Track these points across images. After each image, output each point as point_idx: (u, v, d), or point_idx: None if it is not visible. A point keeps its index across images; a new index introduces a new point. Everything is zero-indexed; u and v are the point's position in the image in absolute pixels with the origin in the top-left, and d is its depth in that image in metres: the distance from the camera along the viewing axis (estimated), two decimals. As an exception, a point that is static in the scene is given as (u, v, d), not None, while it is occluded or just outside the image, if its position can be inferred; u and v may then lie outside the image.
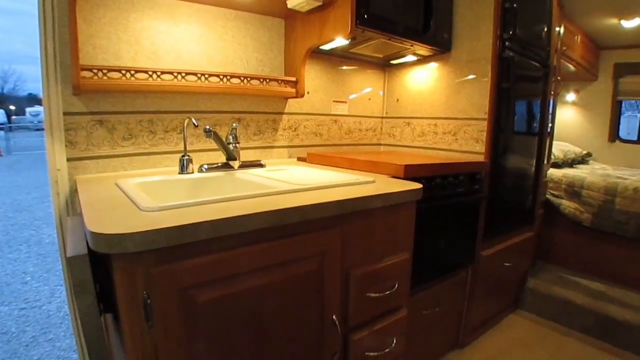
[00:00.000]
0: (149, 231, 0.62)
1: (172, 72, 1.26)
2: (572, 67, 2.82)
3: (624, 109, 3.50)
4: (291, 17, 1.57)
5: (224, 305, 0.75)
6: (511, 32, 1.60)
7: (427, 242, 1.41)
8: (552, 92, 2.15)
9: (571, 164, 2.99)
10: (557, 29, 2.16)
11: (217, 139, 1.26)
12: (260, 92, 1.50)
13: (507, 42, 1.61)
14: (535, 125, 1.97)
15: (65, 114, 1.14)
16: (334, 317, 0.96)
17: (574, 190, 2.47)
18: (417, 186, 1.14)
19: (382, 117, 2.15)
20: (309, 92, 1.76)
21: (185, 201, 0.79)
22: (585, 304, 1.99)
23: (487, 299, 1.88)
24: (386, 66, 2.07)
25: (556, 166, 2.77)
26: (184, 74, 1.28)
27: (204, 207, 0.77)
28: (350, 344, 1.04)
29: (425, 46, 1.64)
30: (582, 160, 3.19)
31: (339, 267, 0.95)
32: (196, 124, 1.17)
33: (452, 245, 1.59)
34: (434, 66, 1.85)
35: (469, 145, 1.73)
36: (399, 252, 1.14)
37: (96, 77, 1.11)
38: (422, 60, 1.87)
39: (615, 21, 2.62)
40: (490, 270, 1.81)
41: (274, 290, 0.83)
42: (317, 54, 1.73)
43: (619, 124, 3.42)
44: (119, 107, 1.25)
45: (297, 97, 1.60)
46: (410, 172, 1.28)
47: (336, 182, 1.10)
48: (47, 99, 1.11)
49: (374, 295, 1.06)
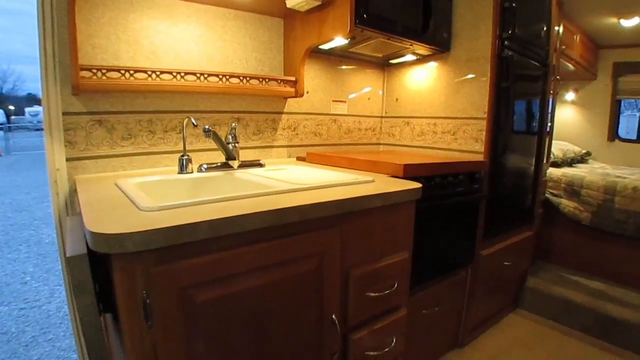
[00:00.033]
0: (148, 231, 0.62)
1: (171, 72, 1.26)
2: (571, 67, 2.82)
3: (623, 108, 3.50)
4: (290, 16, 1.57)
5: (223, 305, 0.75)
6: (510, 32, 1.60)
7: (427, 241, 1.41)
8: (552, 92, 2.15)
9: (570, 163, 2.99)
10: (557, 28, 2.17)
11: (217, 138, 1.26)
12: (259, 91, 1.50)
13: (506, 42, 1.61)
14: (534, 124, 1.98)
15: (64, 114, 1.14)
16: (334, 316, 0.96)
17: (574, 189, 2.47)
18: (417, 186, 1.14)
19: (382, 117, 2.15)
20: (308, 92, 1.76)
21: (184, 201, 0.79)
22: (584, 303, 2.00)
23: (486, 298, 1.88)
24: (385, 66, 2.07)
25: (555, 165, 2.77)
26: (183, 74, 1.28)
27: (203, 207, 0.77)
28: (349, 344, 1.04)
29: (424, 46, 1.64)
30: (582, 159, 3.19)
31: (338, 266, 0.95)
32: (195, 124, 1.18)
33: (451, 244, 1.59)
34: (433, 65, 1.85)
35: (468, 144, 1.73)
36: (399, 251, 1.15)
37: (95, 77, 1.11)
38: (422, 59, 1.87)
39: (614, 20, 2.62)
40: (489, 269, 1.81)
41: (274, 290, 0.83)
42: (316, 54, 1.73)
43: (618, 123, 3.42)
44: (118, 107, 1.25)
45: (296, 96, 1.60)
46: (409, 172, 1.28)
47: (335, 181, 1.10)
48: (46, 99, 1.11)
49: (373, 294, 1.06)
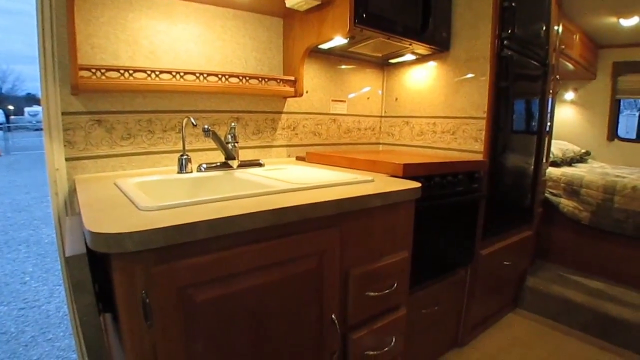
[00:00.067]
0: (147, 231, 0.62)
1: (170, 72, 1.26)
2: (570, 66, 2.82)
3: (622, 108, 3.50)
4: (290, 16, 1.57)
5: (223, 304, 0.75)
6: (510, 31, 1.60)
7: (426, 241, 1.41)
8: (551, 91, 2.15)
9: (570, 162, 2.99)
10: (556, 28, 2.17)
11: (216, 138, 1.26)
12: (258, 91, 1.50)
13: (505, 41, 1.61)
14: (534, 124, 1.98)
15: (63, 114, 1.14)
16: (333, 316, 0.96)
17: (573, 188, 2.48)
18: (416, 185, 1.14)
19: (381, 116, 2.15)
20: (307, 92, 1.76)
21: (183, 200, 0.79)
22: (584, 302, 2.00)
23: (486, 297, 1.88)
24: (385, 65, 2.07)
25: (555, 165, 2.78)
26: (182, 74, 1.28)
27: (203, 207, 0.77)
28: (349, 343, 1.04)
29: (423, 45, 1.64)
30: (581, 158, 3.19)
31: (338, 266, 0.95)
32: (195, 124, 1.17)
33: (451, 244, 1.59)
34: (432, 65, 1.85)
35: (467, 144, 1.73)
36: (398, 251, 1.15)
37: (94, 77, 1.11)
38: (421, 59, 1.87)
39: (614, 20, 2.62)
40: (489, 269, 1.81)
41: (273, 289, 0.83)
42: (315, 53, 1.73)
43: (618, 123, 3.42)
44: (118, 107, 1.25)
45: (295, 96, 1.60)
46: (409, 171, 1.28)
47: (335, 181, 1.10)
48: (45, 99, 1.10)
49: (373, 294, 1.06)
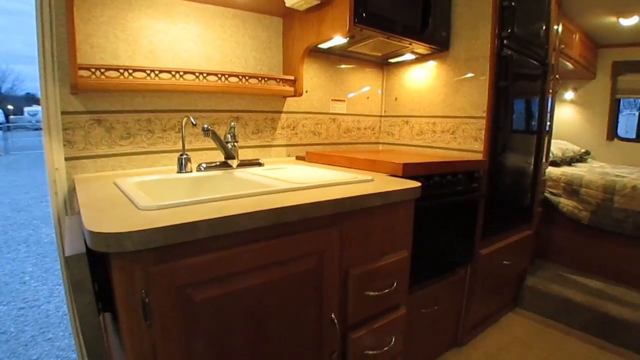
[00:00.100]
0: (147, 230, 0.62)
1: (170, 71, 1.25)
2: (570, 66, 2.82)
3: (622, 107, 3.50)
4: (289, 15, 1.57)
5: (222, 304, 0.75)
6: (509, 31, 1.60)
7: (426, 240, 1.41)
8: (551, 91, 2.15)
9: (570, 162, 2.99)
10: (556, 27, 2.16)
11: (216, 137, 1.26)
12: (258, 90, 1.50)
13: (505, 41, 1.61)
14: (533, 123, 1.98)
15: (63, 114, 1.14)
16: (333, 315, 0.96)
17: (573, 188, 2.48)
18: (416, 184, 1.14)
19: (381, 116, 2.15)
20: (307, 91, 1.76)
21: (183, 200, 0.79)
22: (583, 302, 2.00)
23: (485, 297, 1.88)
24: (384, 65, 2.07)
25: (555, 164, 2.78)
26: (182, 73, 1.28)
27: (202, 206, 0.77)
28: (349, 343, 1.04)
29: (423, 45, 1.64)
30: (581, 158, 3.19)
31: (337, 265, 0.95)
32: (194, 123, 1.17)
33: (450, 243, 1.59)
34: (432, 64, 1.85)
35: (467, 143, 1.73)
36: (398, 250, 1.15)
37: (94, 76, 1.11)
38: (421, 58, 1.87)
39: (613, 19, 2.62)
40: (489, 268, 1.81)
41: (273, 289, 0.83)
42: (315, 53, 1.73)
43: (617, 122, 3.42)
44: (117, 106, 1.25)
45: (295, 95, 1.60)
46: (408, 171, 1.28)
47: (335, 180, 1.10)
48: (45, 99, 1.10)
49: (372, 293, 1.06)
